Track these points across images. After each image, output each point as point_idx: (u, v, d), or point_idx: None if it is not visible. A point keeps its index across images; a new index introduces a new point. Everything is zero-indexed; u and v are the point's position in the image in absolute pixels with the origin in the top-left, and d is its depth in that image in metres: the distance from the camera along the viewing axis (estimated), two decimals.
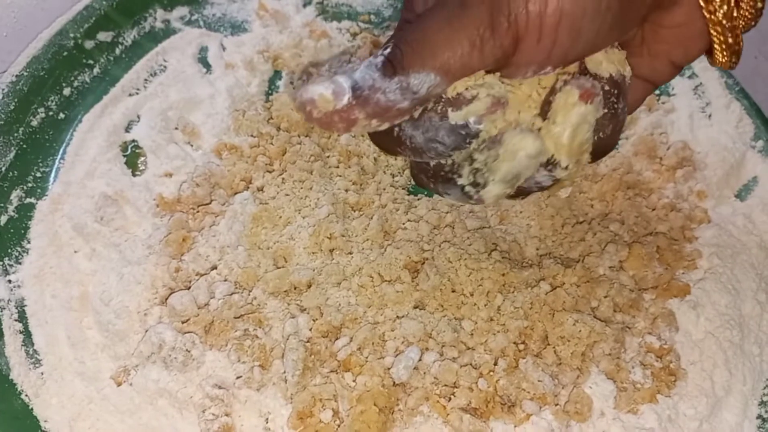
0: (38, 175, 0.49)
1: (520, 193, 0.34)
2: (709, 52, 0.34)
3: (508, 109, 0.30)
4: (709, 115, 0.55)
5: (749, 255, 0.47)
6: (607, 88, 0.31)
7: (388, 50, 0.29)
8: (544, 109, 0.31)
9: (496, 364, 0.41)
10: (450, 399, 0.40)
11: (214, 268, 0.44)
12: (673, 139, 0.53)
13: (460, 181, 0.32)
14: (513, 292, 0.43)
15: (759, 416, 0.42)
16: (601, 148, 0.33)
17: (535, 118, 0.31)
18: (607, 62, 0.32)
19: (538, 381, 0.40)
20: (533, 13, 0.27)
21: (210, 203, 0.47)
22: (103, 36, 0.55)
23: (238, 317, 0.42)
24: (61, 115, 0.52)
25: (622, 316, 0.44)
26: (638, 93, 0.35)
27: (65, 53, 0.53)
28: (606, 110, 0.31)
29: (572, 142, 0.31)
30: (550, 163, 0.31)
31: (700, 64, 0.56)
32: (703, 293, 0.45)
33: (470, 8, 0.28)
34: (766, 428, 0.42)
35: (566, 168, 0.31)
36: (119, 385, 0.41)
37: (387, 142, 0.32)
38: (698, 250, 0.47)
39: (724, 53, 0.33)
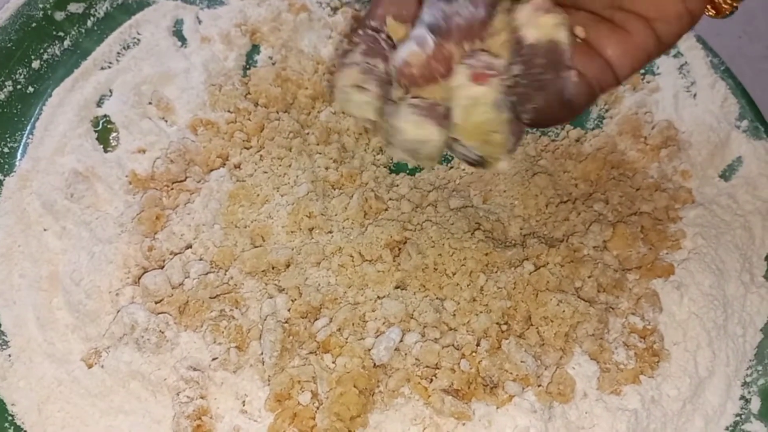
0: (6, 150, 0.47)
1: (468, 163, 0.33)
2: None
3: None
4: (694, 95, 0.54)
5: (733, 235, 0.47)
6: (526, 57, 0.30)
7: None
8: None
9: (478, 344, 0.40)
10: (431, 380, 0.39)
11: (189, 246, 0.43)
12: (658, 119, 0.53)
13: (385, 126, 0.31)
14: (496, 272, 0.42)
15: (742, 397, 0.42)
16: (541, 120, 0.31)
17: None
18: (535, 27, 0.30)
19: (521, 362, 0.40)
20: None
21: (185, 180, 0.45)
22: (74, 7, 0.53)
23: (214, 297, 0.41)
24: (30, 89, 0.50)
25: (605, 296, 0.43)
26: (640, 40, 0.32)
27: (34, 24, 0.51)
28: (523, 82, 0.30)
29: (465, 123, 0.30)
30: (456, 141, 0.31)
31: (686, 43, 0.56)
32: (687, 273, 0.44)
33: None
34: (748, 409, 0.41)
35: (473, 145, 0.30)
36: (90, 367, 0.40)
37: None
38: (682, 230, 0.47)
39: None
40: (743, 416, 0.41)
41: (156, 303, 0.41)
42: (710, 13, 0.34)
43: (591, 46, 0.32)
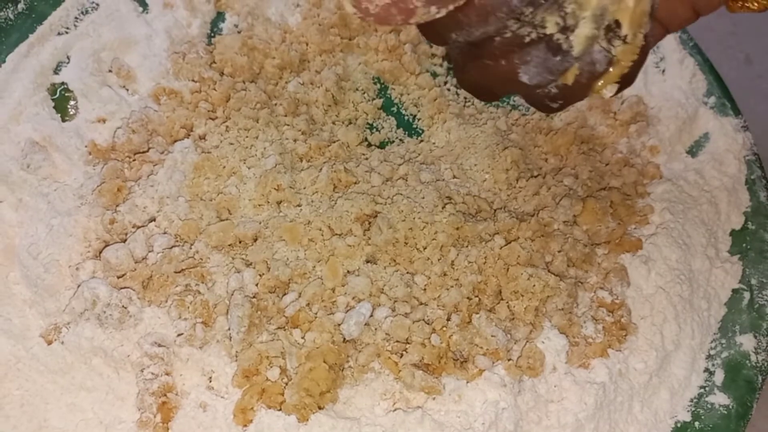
0: None
1: (570, 90, 0.31)
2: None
3: None
4: (663, 70, 0.54)
5: (699, 211, 0.47)
6: None
7: None
8: None
9: (449, 319, 0.40)
10: (402, 355, 0.39)
11: (153, 219, 0.42)
12: (628, 94, 0.52)
13: (548, 30, 0.28)
14: (467, 246, 0.42)
15: (706, 369, 0.43)
16: (633, 69, 0.31)
17: None
18: None
19: (491, 336, 0.39)
20: None
21: (147, 151, 0.44)
22: None
23: (179, 272, 0.40)
24: None
25: (575, 270, 0.43)
26: (653, 36, 0.32)
27: None
28: None
29: (636, 6, 0.29)
30: (611, 30, 0.29)
31: None
32: (654, 248, 0.45)
33: None
34: (712, 381, 0.42)
35: (624, 40, 0.29)
36: (50, 343, 0.38)
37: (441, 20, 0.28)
38: (650, 206, 0.47)
39: None
40: (707, 388, 0.42)
41: (118, 278, 0.39)
42: (752, 6, 0.34)
43: None
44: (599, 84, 0.30)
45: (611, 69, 0.30)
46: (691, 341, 0.43)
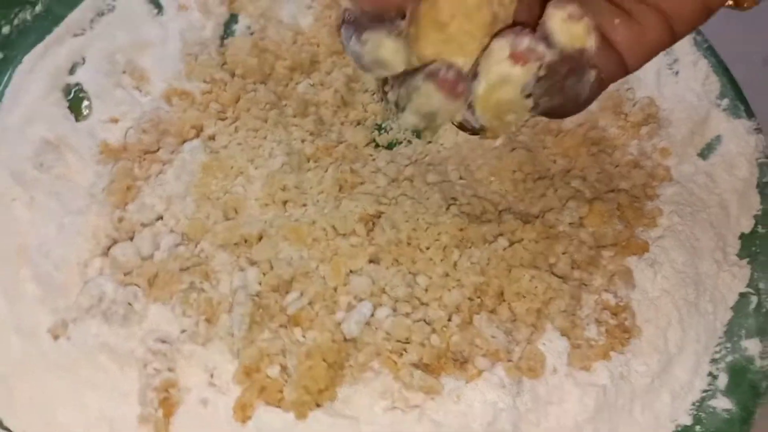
0: None
1: (461, 128, 0.32)
2: None
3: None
4: (677, 72, 0.53)
5: (709, 213, 0.47)
6: (554, 60, 0.29)
7: None
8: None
9: (450, 320, 0.40)
10: (401, 355, 0.39)
11: (160, 218, 0.42)
12: (640, 95, 0.52)
13: (389, 97, 0.31)
14: (470, 247, 0.42)
15: (709, 373, 0.42)
16: (552, 114, 0.31)
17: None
18: (566, 35, 0.30)
19: (492, 337, 0.40)
20: None
21: (157, 151, 0.45)
22: None
23: (184, 270, 0.40)
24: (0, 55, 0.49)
25: (579, 273, 0.43)
26: (655, 36, 0.31)
27: None
28: (546, 82, 0.29)
29: (488, 97, 0.29)
30: (471, 107, 0.30)
31: None
32: (661, 251, 0.44)
33: None
34: (715, 385, 0.42)
35: (483, 117, 0.30)
36: (56, 338, 0.39)
37: None
38: (659, 208, 0.46)
39: None
40: (710, 392, 0.42)
41: (125, 275, 0.40)
42: (729, 3, 0.33)
43: (604, 37, 0.31)
44: (482, 137, 0.31)
45: (485, 131, 0.30)
46: (695, 345, 0.42)
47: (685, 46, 0.54)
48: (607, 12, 0.32)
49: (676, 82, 0.53)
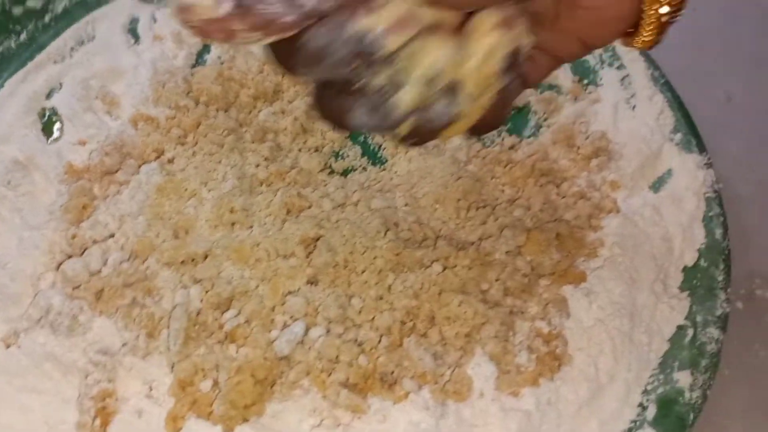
0: None
1: (414, 136, 0.31)
2: (629, 33, 0.32)
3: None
4: (633, 107, 0.55)
5: (651, 246, 0.47)
6: None
7: None
8: (458, 32, 0.29)
9: (380, 341, 0.41)
10: (330, 374, 0.40)
11: (112, 236, 0.45)
12: (595, 129, 0.53)
13: (374, 84, 0.28)
14: (405, 271, 0.44)
15: (640, 404, 0.42)
16: (485, 121, 0.32)
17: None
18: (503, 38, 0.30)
19: (419, 359, 0.41)
20: None
21: (116, 172, 0.47)
22: (33, 3, 0.55)
23: (128, 285, 0.42)
24: None
25: (512, 299, 0.44)
26: (543, 67, 0.34)
27: None
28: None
29: (481, 68, 0.28)
30: (452, 90, 0.29)
31: (629, 56, 0.56)
32: (598, 281, 0.45)
33: None
34: (644, 416, 0.42)
35: (468, 97, 0.29)
36: (8, 347, 0.42)
37: (280, 49, 0.28)
38: (601, 239, 0.47)
39: (651, 31, 0.31)
40: (638, 422, 0.42)
41: (74, 289, 0.42)
42: (637, 46, 0.34)
43: None
44: (444, 134, 0.31)
45: (455, 123, 0.30)
46: (626, 374, 0.43)
47: (642, 81, 0.55)
48: None
49: (633, 117, 0.54)
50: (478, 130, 0.32)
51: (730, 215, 0.50)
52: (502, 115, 0.32)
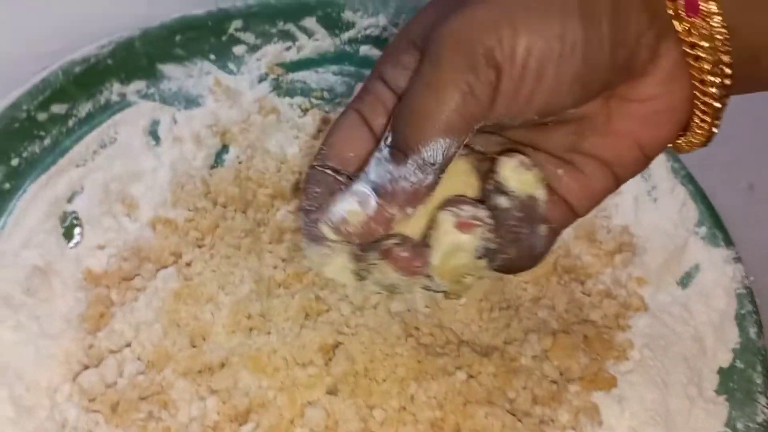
0: None
1: (426, 289, 0.33)
2: (680, 135, 0.32)
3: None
4: (655, 199, 0.54)
5: (682, 346, 0.46)
6: (508, 207, 0.31)
7: (389, 139, 0.30)
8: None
9: None
10: None
11: (129, 345, 0.44)
12: (616, 223, 0.52)
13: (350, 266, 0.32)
14: (428, 380, 0.42)
15: None
16: (508, 268, 0.32)
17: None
18: (517, 182, 0.31)
19: None
20: (507, 45, 0.28)
21: (134, 278, 0.47)
22: (57, 108, 0.56)
23: (144, 398, 0.41)
24: (7, 185, 0.52)
25: (541, 408, 0.42)
26: (598, 182, 0.33)
27: (17, 125, 0.54)
28: (501, 234, 0.31)
29: (443, 265, 0.30)
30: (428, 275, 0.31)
31: None
32: (629, 386, 0.43)
33: (444, 61, 0.28)
34: None
35: (443, 283, 0.31)
36: None
37: None
38: (630, 340, 0.46)
39: (704, 125, 0.31)
40: None
41: (90, 401, 0.41)
42: (694, 141, 0.34)
43: (550, 187, 0.33)
44: (453, 295, 0.33)
45: (447, 294, 0.32)
46: None
47: (662, 173, 0.55)
48: (548, 163, 0.33)
49: (654, 210, 0.53)
50: (510, 271, 0.33)
51: (763, 310, 0.48)
52: (532, 261, 0.33)
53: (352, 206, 0.29)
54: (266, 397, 0.41)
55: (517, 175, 0.31)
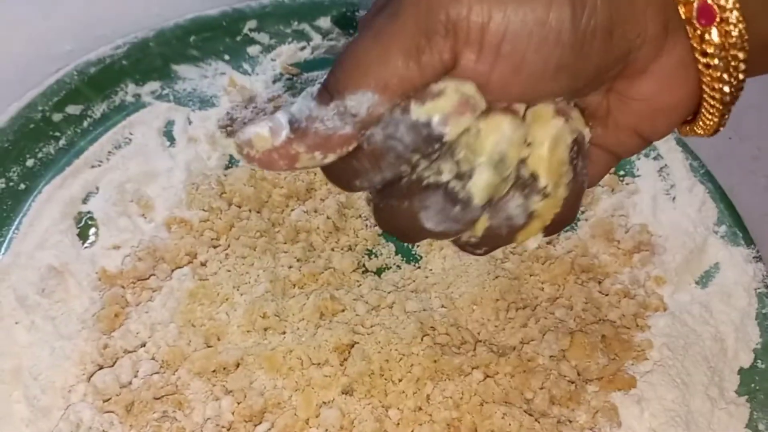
0: None
1: (489, 240, 0.30)
2: (688, 121, 0.31)
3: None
4: (673, 198, 0.53)
5: (703, 346, 0.45)
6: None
7: (325, 77, 0.28)
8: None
9: None
10: None
11: (144, 345, 0.44)
12: (634, 222, 0.52)
13: (443, 178, 0.27)
14: (444, 380, 0.42)
15: None
16: (559, 218, 0.30)
17: None
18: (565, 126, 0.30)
19: None
20: (474, 22, 0.25)
21: (149, 278, 0.47)
22: (72, 109, 0.56)
23: (159, 398, 0.41)
24: (22, 186, 0.52)
25: (559, 409, 0.42)
26: (600, 165, 0.32)
27: (32, 125, 0.54)
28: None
29: (552, 155, 0.28)
30: (527, 184, 0.28)
31: (665, 145, 0.55)
32: (649, 387, 0.43)
33: (401, 16, 0.26)
34: None
35: (544, 190, 0.28)
36: None
37: (335, 167, 0.28)
38: (649, 340, 0.45)
39: (713, 113, 0.29)
40: None
41: (104, 402, 0.41)
42: (699, 133, 0.33)
43: None
44: (520, 236, 0.30)
45: (532, 222, 0.29)
46: None
47: (680, 172, 0.54)
48: None
49: (673, 209, 0.53)
50: (552, 228, 0.31)
51: None
52: (574, 211, 0.31)
53: (263, 131, 0.26)
54: (281, 397, 0.41)
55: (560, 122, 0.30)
